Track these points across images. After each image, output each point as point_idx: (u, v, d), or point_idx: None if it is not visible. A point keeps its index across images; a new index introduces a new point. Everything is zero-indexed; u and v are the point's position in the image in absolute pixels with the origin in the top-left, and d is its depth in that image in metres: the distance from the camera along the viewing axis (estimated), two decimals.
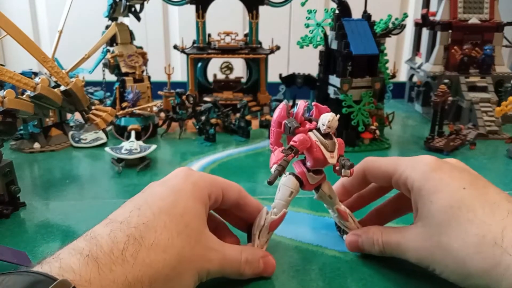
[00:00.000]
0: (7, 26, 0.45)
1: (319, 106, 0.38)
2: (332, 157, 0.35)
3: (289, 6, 0.96)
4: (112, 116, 0.57)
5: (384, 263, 0.41)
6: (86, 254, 0.26)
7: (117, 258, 0.27)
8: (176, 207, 0.33)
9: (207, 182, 0.36)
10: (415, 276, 0.40)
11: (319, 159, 0.35)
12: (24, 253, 0.43)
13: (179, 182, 0.35)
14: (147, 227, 0.30)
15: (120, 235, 0.29)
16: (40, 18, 1.47)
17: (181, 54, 0.95)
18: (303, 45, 0.78)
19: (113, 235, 0.28)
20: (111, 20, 0.87)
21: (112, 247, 0.27)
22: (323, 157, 0.35)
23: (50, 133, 0.79)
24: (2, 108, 0.47)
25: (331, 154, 0.35)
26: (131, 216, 0.31)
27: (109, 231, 0.29)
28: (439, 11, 0.98)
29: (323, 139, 0.35)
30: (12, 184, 0.53)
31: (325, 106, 0.38)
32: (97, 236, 0.28)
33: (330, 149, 0.35)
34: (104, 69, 0.91)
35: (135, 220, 0.30)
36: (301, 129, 0.36)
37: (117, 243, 0.28)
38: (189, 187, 0.35)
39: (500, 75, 0.96)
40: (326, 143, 0.35)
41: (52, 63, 0.51)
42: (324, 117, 0.35)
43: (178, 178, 0.36)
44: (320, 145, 0.35)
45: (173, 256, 0.30)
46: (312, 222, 0.51)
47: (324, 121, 0.35)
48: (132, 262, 0.27)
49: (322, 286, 0.38)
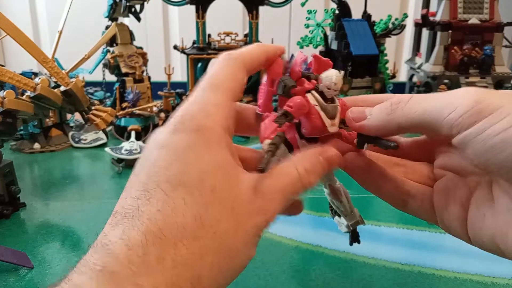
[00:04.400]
0: (7, 27, 0.45)
1: (320, 59, 0.30)
2: (333, 125, 0.29)
3: (289, 6, 0.96)
4: (112, 117, 0.57)
5: (384, 263, 0.41)
6: (99, 270, 0.20)
7: (139, 267, 0.20)
8: (188, 172, 0.23)
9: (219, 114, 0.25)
10: (415, 276, 0.40)
11: (317, 127, 0.29)
12: (24, 253, 0.43)
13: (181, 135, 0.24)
14: (164, 214, 0.22)
15: (135, 235, 0.21)
16: (40, 18, 1.47)
17: (181, 54, 0.95)
18: (303, 45, 0.78)
19: (126, 238, 0.21)
20: (111, 20, 0.87)
21: (129, 255, 0.21)
22: (322, 125, 0.29)
23: (50, 133, 0.79)
24: (2, 108, 0.47)
25: (332, 122, 0.29)
26: (141, 205, 0.23)
27: (121, 232, 0.22)
28: (439, 11, 0.98)
29: (324, 103, 0.28)
30: (12, 184, 0.53)
31: (327, 59, 0.31)
32: (108, 244, 0.21)
33: (331, 115, 0.29)
34: (104, 69, 0.91)
35: (147, 210, 0.22)
36: (298, 89, 0.29)
37: (134, 247, 0.21)
38: (194, 137, 0.24)
39: (500, 76, 0.96)
40: (328, 109, 0.28)
41: (52, 64, 0.51)
42: (328, 78, 0.28)
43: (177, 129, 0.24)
44: (320, 111, 0.28)
45: (209, 237, 0.22)
46: (312, 222, 0.51)
47: (328, 83, 0.28)
48: (160, 268, 0.21)
49: (322, 286, 0.38)
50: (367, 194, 0.47)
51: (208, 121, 0.24)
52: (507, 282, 0.39)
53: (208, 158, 0.23)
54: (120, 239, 0.21)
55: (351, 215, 0.33)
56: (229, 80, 0.26)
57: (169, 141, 0.24)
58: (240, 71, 0.27)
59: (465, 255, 0.44)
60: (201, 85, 0.26)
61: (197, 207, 0.22)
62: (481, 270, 0.41)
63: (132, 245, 0.21)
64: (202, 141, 0.24)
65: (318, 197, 0.56)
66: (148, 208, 0.22)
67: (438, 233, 0.48)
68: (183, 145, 0.23)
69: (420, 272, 0.41)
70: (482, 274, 0.41)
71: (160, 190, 0.22)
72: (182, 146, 0.23)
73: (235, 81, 0.26)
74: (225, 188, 0.23)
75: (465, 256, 0.43)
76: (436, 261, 0.43)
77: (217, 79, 0.26)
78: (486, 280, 0.40)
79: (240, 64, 0.27)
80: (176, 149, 0.23)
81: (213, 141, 0.24)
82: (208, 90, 0.25)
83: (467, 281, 0.40)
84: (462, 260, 0.43)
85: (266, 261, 0.42)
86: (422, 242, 0.46)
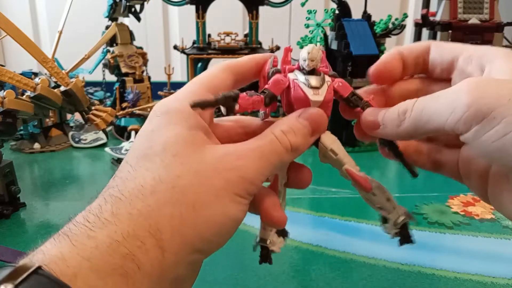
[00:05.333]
0: (7, 27, 0.45)
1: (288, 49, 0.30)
2: (316, 94, 0.28)
3: (289, 6, 0.96)
4: (112, 117, 0.57)
5: (384, 263, 0.41)
6: (59, 233, 0.22)
7: (94, 222, 0.21)
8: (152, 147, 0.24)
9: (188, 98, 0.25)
10: (415, 276, 0.40)
11: (299, 98, 0.28)
12: (24, 253, 0.43)
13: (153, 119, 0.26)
14: (125, 180, 0.23)
15: (96, 202, 0.23)
16: (40, 18, 1.47)
17: (181, 54, 0.95)
18: (303, 45, 0.78)
19: (88, 208, 0.23)
20: (111, 20, 0.87)
21: (85, 215, 0.22)
22: (303, 94, 0.28)
23: (50, 133, 0.79)
24: (2, 108, 0.47)
25: (315, 91, 0.28)
26: (110, 182, 0.24)
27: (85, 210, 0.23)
28: (439, 11, 0.98)
29: (303, 75, 0.28)
30: (12, 184, 0.53)
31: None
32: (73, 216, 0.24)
33: (314, 85, 0.28)
34: (104, 69, 0.91)
35: (112, 182, 0.24)
36: (282, 72, 0.29)
37: (92, 209, 0.22)
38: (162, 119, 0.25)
39: None
40: (308, 79, 0.28)
41: (52, 64, 0.51)
42: (303, 51, 0.28)
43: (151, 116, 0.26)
44: (300, 83, 0.28)
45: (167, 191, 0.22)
46: (312, 222, 0.51)
47: (303, 55, 0.28)
48: (114, 220, 0.21)
49: (322, 286, 0.38)
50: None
51: (177, 104, 0.26)
52: (507, 282, 0.39)
53: (172, 133, 0.24)
54: (81, 214, 0.23)
55: (394, 212, 0.29)
56: (208, 76, 0.28)
57: (143, 128, 0.26)
58: (224, 71, 0.28)
59: (465, 255, 0.44)
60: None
61: (158, 170, 0.22)
62: (481, 270, 0.41)
63: (90, 209, 0.22)
64: (168, 120, 0.25)
65: (318, 197, 0.56)
66: (113, 181, 0.24)
67: (438, 233, 0.48)
68: (152, 127, 0.25)
69: (420, 272, 0.41)
70: (482, 274, 0.41)
71: (127, 164, 0.24)
72: (151, 128, 0.25)
73: (214, 77, 0.28)
74: (188, 153, 0.23)
75: (465, 256, 0.43)
76: (436, 261, 0.43)
77: (198, 77, 0.28)
78: (486, 280, 0.40)
79: (224, 67, 0.28)
80: (146, 131, 0.25)
81: (180, 119, 0.25)
82: (186, 85, 0.27)
83: (467, 281, 0.40)
84: (462, 260, 0.43)
85: None
86: (422, 242, 0.46)
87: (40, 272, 0.19)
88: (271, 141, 0.25)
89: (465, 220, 0.51)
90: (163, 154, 0.23)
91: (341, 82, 0.29)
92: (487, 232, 0.48)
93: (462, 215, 0.52)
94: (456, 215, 0.52)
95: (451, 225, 0.50)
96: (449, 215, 0.52)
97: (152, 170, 0.22)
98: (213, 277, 0.39)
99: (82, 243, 0.20)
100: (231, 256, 0.43)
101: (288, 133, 0.25)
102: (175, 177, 0.22)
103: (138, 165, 0.23)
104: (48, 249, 0.21)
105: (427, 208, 0.54)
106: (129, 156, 0.24)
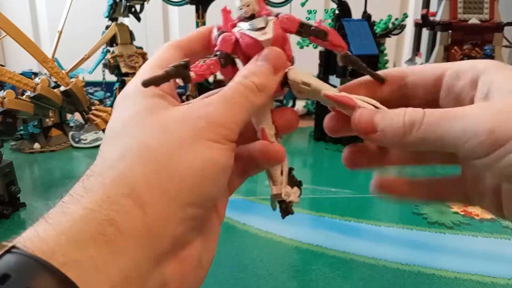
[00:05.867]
0: (7, 27, 0.45)
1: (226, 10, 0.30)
2: (263, 34, 0.27)
3: (289, 6, 0.96)
4: None
5: (384, 263, 0.41)
6: (38, 220, 0.21)
7: (68, 201, 0.21)
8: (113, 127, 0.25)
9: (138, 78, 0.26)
10: (415, 276, 0.40)
11: (249, 43, 0.28)
12: None
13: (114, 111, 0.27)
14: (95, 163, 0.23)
15: (75, 186, 0.23)
16: (40, 18, 1.47)
17: None
18: (303, 45, 0.78)
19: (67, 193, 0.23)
20: (111, 20, 0.87)
21: (64, 198, 0.22)
22: (251, 38, 0.27)
23: (50, 133, 0.79)
24: (2, 108, 0.47)
25: (262, 31, 0.27)
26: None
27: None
28: (439, 11, 0.98)
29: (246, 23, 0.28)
30: (12, 184, 0.53)
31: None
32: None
33: (259, 27, 0.28)
34: (104, 69, 0.91)
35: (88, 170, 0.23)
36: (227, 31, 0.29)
37: (70, 191, 0.22)
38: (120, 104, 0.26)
39: None
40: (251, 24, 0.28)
41: (52, 64, 0.51)
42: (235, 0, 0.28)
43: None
44: (245, 31, 0.28)
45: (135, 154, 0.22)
46: (312, 222, 0.51)
47: (237, 4, 0.28)
48: (87, 194, 0.21)
49: (322, 286, 0.38)
50: (367, 194, 0.47)
51: (129, 87, 0.26)
52: (507, 282, 0.39)
53: (129, 111, 0.25)
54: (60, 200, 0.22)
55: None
56: (156, 57, 0.28)
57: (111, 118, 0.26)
58: (171, 49, 0.29)
59: (465, 255, 0.44)
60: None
61: (123, 142, 0.23)
62: (481, 270, 0.41)
63: (69, 192, 0.22)
64: (125, 103, 0.26)
65: (318, 197, 0.56)
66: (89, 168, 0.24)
67: (438, 233, 0.48)
68: (114, 113, 0.26)
69: (420, 272, 0.41)
70: (482, 274, 0.41)
71: (99, 151, 0.24)
72: (114, 115, 0.26)
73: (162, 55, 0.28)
74: (151, 117, 0.24)
75: (465, 256, 0.43)
76: (436, 261, 0.43)
77: (147, 61, 0.29)
78: (486, 280, 0.40)
79: (170, 45, 0.29)
80: (111, 119, 0.26)
81: (133, 98, 0.25)
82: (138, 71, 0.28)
83: (467, 281, 0.40)
84: (462, 260, 0.43)
85: (266, 261, 0.42)
86: (422, 242, 0.46)
87: (13, 250, 0.19)
88: (233, 87, 0.25)
89: (465, 220, 0.51)
90: (123, 131, 0.24)
91: (286, 17, 0.29)
92: (487, 232, 0.48)
93: (462, 215, 0.52)
94: (456, 215, 0.52)
95: (451, 225, 0.50)
96: (449, 215, 0.52)
97: (119, 144, 0.23)
98: (213, 277, 0.39)
99: (57, 220, 0.20)
100: (231, 256, 0.43)
101: (249, 76, 0.26)
102: (143, 139, 0.22)
103: (105, 147, 0.24)
104: (26, 232, 0.20)
105: (427, 208, 0.54)
106: (99, 148, 0.25)
